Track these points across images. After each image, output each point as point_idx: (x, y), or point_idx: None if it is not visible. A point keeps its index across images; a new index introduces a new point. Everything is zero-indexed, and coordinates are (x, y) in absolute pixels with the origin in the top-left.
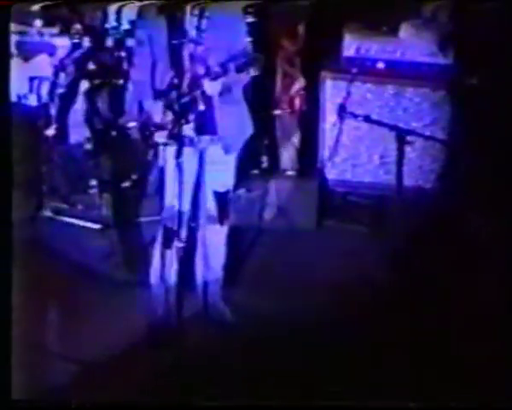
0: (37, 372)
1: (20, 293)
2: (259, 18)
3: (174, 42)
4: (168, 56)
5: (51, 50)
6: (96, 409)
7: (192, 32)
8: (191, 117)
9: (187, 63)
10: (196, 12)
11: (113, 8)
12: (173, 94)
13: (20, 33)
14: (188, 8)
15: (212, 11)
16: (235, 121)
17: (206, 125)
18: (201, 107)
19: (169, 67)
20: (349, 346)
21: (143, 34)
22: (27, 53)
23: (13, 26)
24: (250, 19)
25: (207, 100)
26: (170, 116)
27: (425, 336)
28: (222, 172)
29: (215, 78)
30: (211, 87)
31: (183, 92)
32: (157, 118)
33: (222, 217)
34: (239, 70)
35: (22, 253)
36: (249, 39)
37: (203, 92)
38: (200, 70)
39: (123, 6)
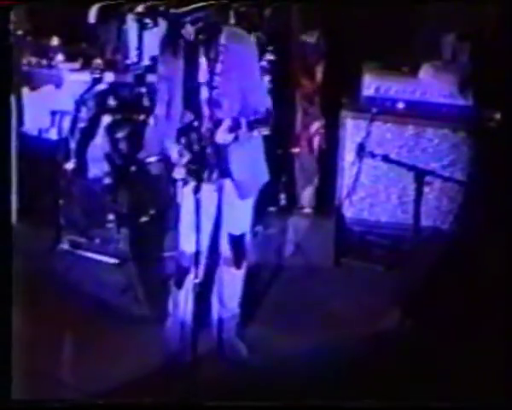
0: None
1: (36, 325)
2: (279, 56)
3: (189, 83)
4: (184, 97)
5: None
6: (95, 408)
7: (206, 76)
8: (207, 160)
9: (204, 107)
10: (211, 56)
11: (133, 44)
12: (193, 136)
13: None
14: (201, 50)
15: (226, 55)
16: (250, 167)
17: (220, 169)
18: (214, 153)
19: (186, 108)
20: (364, 382)
21: (163, 70)
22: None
23: (32, 60)
24: (270, 57)
25: (221, 147)
26: (186, 157)
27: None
28: (239, 215)
29: (227, 131)
30: (222, 138)
31: (201, 136)
32: (174, 157)
33: (238, 260)
34: (250, 128)
35: (39, 285)
36: (267, 80)
37: (214, 142)
38: (214, 117)
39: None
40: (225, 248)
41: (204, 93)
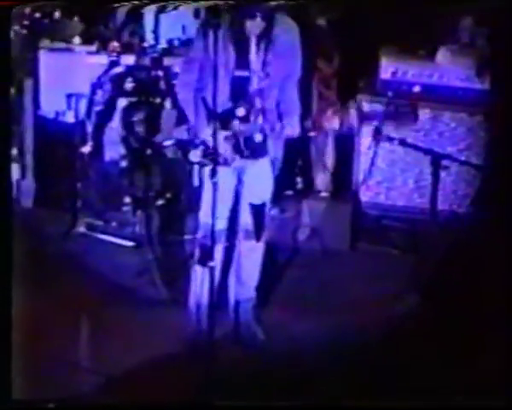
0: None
1: (53, 307)
2: None
3: (238, 74)
4: (230, 85)
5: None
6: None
7: (257, 66)
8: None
9: (252, 96)
10: (262, 45)
11: (150, 27)
12: (240, 126)
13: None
14: (253, 39)
15: (276, 44)
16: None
17: (259, 153)
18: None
19: (231, 97)
20: (378, 367)
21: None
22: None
23: (50, 43)
24: None
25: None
26: (230, 145)
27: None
28: (260, 185)
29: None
30: (291, 132)
31: (251, 127)
32: (219, 147)
33: (259, 232)
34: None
35: (56, 268)
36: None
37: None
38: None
39: (160, 17)
40: (246, 220)
41: (253, 83)
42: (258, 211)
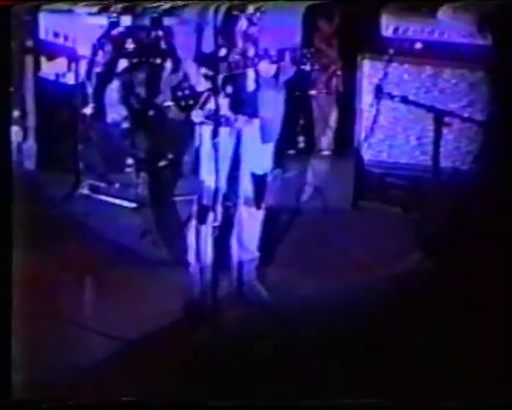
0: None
1: (55, 269)
2: None
3: (230, 14)
4: (220, 27)
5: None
6: (95, 408)
7: (250, 11)
8: (230, 92)
9: (239, 39)
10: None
11: None
12: (222, 66)
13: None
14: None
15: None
16: (276, 108)
17: (246, 106)
18: (250, 86)
19: (218, 38)
20: (382, 325)
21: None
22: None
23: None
24: None
25: (256, 80)
26: (209, 85)
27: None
28: (260, 155)
29: (272, 62)
30: (266, 69)
31: (231, 66)
32: (198, 85)
33: (259, 200)
34: (294, 62)
35: (59, 230)
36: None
37: (257, 72)
38: (254, 50)
39: None
40: (246, 187)
41: (241, 26)
42: (259, 181)
